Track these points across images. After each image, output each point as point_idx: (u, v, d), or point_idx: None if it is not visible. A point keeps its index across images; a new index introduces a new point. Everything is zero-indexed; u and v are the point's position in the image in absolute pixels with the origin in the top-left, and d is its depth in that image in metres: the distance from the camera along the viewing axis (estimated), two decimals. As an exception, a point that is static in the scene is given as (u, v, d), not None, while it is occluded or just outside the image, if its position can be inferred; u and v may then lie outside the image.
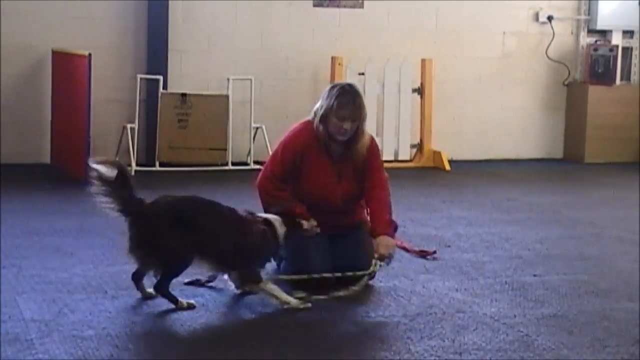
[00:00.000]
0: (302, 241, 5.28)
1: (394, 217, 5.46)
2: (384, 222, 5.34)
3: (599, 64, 10.78)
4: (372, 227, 5.36)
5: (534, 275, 5.72)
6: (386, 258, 5.25)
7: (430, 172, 9.84)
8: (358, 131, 5.29)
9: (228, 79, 9.41)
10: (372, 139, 5.47)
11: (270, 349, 4.32)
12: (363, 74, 9.74)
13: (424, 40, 10.38)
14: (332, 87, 5.37)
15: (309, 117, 5.40)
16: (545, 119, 11.00)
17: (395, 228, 5.47)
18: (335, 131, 5.27)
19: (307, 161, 5.31)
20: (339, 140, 5.31)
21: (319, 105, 5.33)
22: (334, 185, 5.34)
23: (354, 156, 5.35)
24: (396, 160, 9.98)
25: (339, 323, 4.72)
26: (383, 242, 5.25)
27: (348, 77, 9.53)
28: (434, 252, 6.12)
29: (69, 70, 8.72)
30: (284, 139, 5.42)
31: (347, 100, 5.24)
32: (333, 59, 9.76)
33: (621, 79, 11.03)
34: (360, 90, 5.46)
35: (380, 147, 6.38)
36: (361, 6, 10.19)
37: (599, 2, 10.82)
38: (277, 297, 4.89)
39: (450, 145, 10.42)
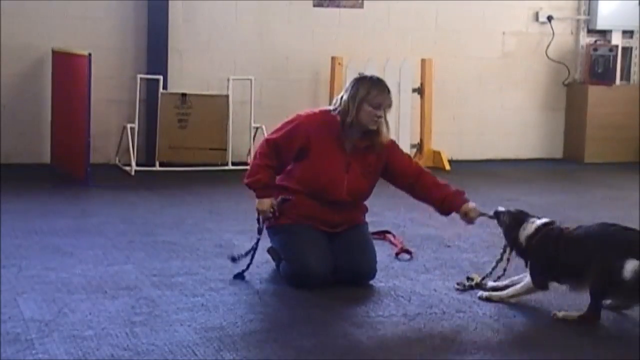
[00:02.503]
0: (300, 240, 5.28)
1: (394, 217, 5.47)
2: (455, 194, 5.41)
3: (598, 64, 10.78)
4: (448, 204, 5.40)
5: (534, 275, 5.71)
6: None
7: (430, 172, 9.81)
8: (384, 123, 5.33)
9: (228, 79, 9.41)
10: (392, 140, 5.50)
11: (270, 349, 4.31)
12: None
13: (424, 40, 10.38)
14: (362, 79, 5.37)
15: (327, 108, 5.43)
16: (545, 119, 11.00)
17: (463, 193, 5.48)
18: (368, 119, 5.26)
19: (316, 147, 5.29)
20: (361, 131, 5.30)
21: (346, 95, 5.31)
22: (341, 174, 5.32)
23: (373, 148, 5.35)
24: (396, 160, 9.97)
25: (339, 323, 4.72)
26: (471, 208, 5.33)
27: (348, 77, 9.51)
28: (411, 253, 6.12)
29: (69, 70, 8.72)
30: (299, 116, 5.38)
31: (381, 88, 5.30)
32: (333, 59, 9.76)
33: (621, 79, 11.03)
34: None
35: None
36: (361, 6, 10.20)
37: (599, 2, 10.82)
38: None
39: (450, 145, 10.42)
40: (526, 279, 5.03)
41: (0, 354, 4.07)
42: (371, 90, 5.27)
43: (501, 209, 5.25)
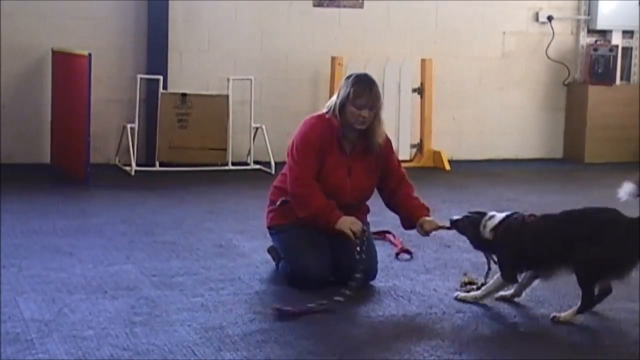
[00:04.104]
0: (299, 241, 5.28)
1: (395, 217, 5.49)
2: (419, 207, 5.42)
3: (599, 64, 10.78)
4: (411, 216, 5.40)
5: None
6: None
7: (430, 172, 9.83)
8: (375, 121, 5.29)
9: (228, 79, 9.41)
10: (387, 137, 5.47)
11: (270, 349, 4.32)
12: (363, 74, 9.72)
13: (424, 40, 10.38)
14: (348, 77, 5.36)
15: (321, 112, 5.41)
16: (545, 119, 11.00)
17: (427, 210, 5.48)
18: (353, 120, 5.24)
19: (321, 152, 5.28)
20: (357, 131, 5.30)
21: (335, 96, 5.33)
22: (344, 179, 5.32)
23: (371, 148, 5.34)
24: (396, 160, 9.97)
25: (339, 323, 4.72)
26: (427, 220, 5.32)
27: (348, 77, 9.52)
28: (411, 253, 6.13)
29: (69, 70, 8.72)
30: (300, 137, 5.33)
31: (363, 88, 5.24)
32: (333, 59, 9.76)
33: (621, 79, 11.03)
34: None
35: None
36: (361, 6, 10.19)
37: (599, 2, 10.82)
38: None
39: (450, 145, 10.42)
40: (496, 275, 5.02)
41: (0, 354, 4.07)
42: (352, 91, 5.24)
43: (456, 217, 5.23)
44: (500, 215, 5.04)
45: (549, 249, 4.83)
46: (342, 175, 5.32)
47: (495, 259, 5.09)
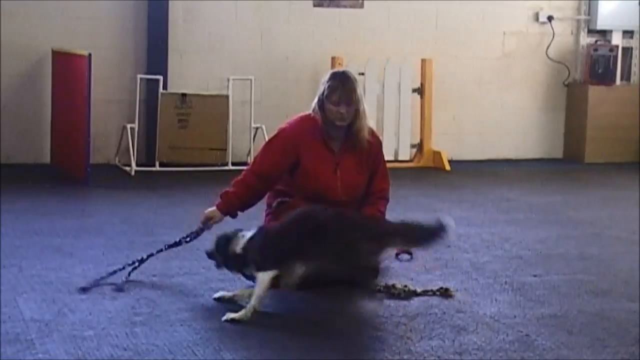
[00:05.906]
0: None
1: (395, 217, 5.48)
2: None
3: (599, 64, 10.78)
4: None
5: (534, 275, 5.72)
6: None
7: (430, 172, 9.84)
8: (357, 116, 5.29)
9: (228, 79, 9.42)
10: (375, 134, 5.46)
11: (270, 349, 4.32)
12: (363, 74, 9.74)
13: (424, 40, 10.38)
14: (327, 74, 5.39)
15: (307, 112, 5.43)
16: (545, 119, 11.01)
17: None
18: (333, 117, 5.26)
19: (305, 155, 5.29)
20: (341, 128, 5.31)
21: (316, 96, 5.36)
22: (332, 177, 5.31)
23: (356, 143, 5.34)
24: (396, 160, 9.98)
25: (339, 323, 4.72)
26: None
27: (348, 77, 9.52)
28: (411, 254, 6.10)
29: (69, 70, 8.73)
30: (276, 133, 5.40)
31: (337, 84, 5.25)
32: (333, 59, 9.77)
33: (621, 79, 11.04)
34: (355, 78, 5.37)
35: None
36: (361, 6, 10.20)
37: (599, 2, 10.83)
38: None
39: (450, 145, 10.43)
40: (259, 278, 4.86)
41: (0, 354, 4.07)
42: (326, 88, 5.26)
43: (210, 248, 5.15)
44: (249, 233, 5.00)
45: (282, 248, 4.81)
46: (329, 173, 5.31)
47: (249, 273, 4.97)
